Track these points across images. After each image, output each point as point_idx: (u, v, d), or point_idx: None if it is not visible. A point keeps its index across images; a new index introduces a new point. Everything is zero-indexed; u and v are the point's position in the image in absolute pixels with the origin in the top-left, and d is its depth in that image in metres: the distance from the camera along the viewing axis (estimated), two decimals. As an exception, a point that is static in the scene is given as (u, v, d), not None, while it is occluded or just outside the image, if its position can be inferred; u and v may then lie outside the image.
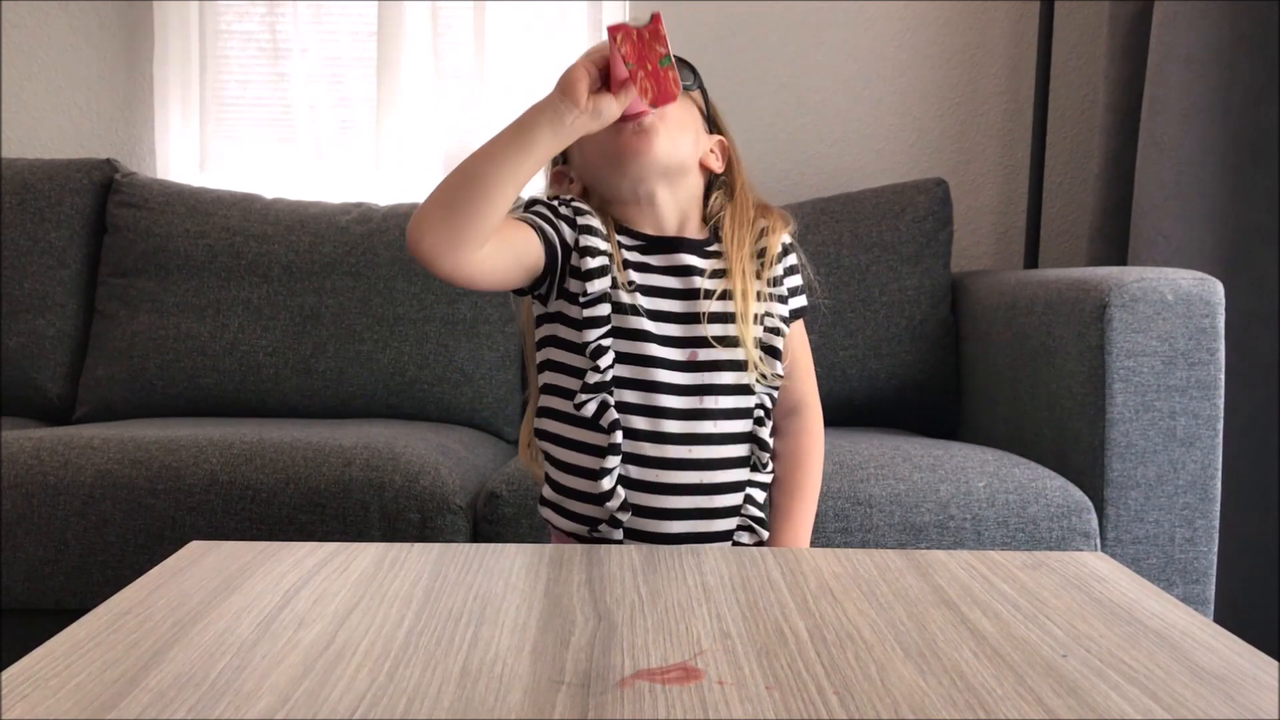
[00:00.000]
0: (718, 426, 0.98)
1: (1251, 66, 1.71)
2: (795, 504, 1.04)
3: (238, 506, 1.34)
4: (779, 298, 1.04)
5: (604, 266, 0.97)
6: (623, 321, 0.97)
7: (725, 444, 0.99)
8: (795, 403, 1.07)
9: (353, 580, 0.75)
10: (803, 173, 2.16)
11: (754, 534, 1.01)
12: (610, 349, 0.96)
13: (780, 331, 1.02)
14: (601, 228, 0.99)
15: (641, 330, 0.97)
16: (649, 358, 0.97)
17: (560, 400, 0.99)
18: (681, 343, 0.98)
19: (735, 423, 0.99)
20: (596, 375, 0.96)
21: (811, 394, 1.09)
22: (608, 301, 0.96)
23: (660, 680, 0.58)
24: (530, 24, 2.07)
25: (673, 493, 0.97)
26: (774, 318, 1.02)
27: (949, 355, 1.84)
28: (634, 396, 0.97)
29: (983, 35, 2.14)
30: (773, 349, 1.01)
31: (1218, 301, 1.38)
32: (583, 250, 0.97)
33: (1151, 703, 0.57)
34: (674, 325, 0.98)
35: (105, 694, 0.56)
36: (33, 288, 1.91)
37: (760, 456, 1.01)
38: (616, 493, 0.96)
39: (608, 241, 0.98)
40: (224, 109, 2.19)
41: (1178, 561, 1.37)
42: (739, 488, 1.00)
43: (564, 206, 0.99)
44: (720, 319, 0.98)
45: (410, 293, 1.84)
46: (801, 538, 1.04)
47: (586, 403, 0.96)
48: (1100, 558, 0.85)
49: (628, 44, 0.89)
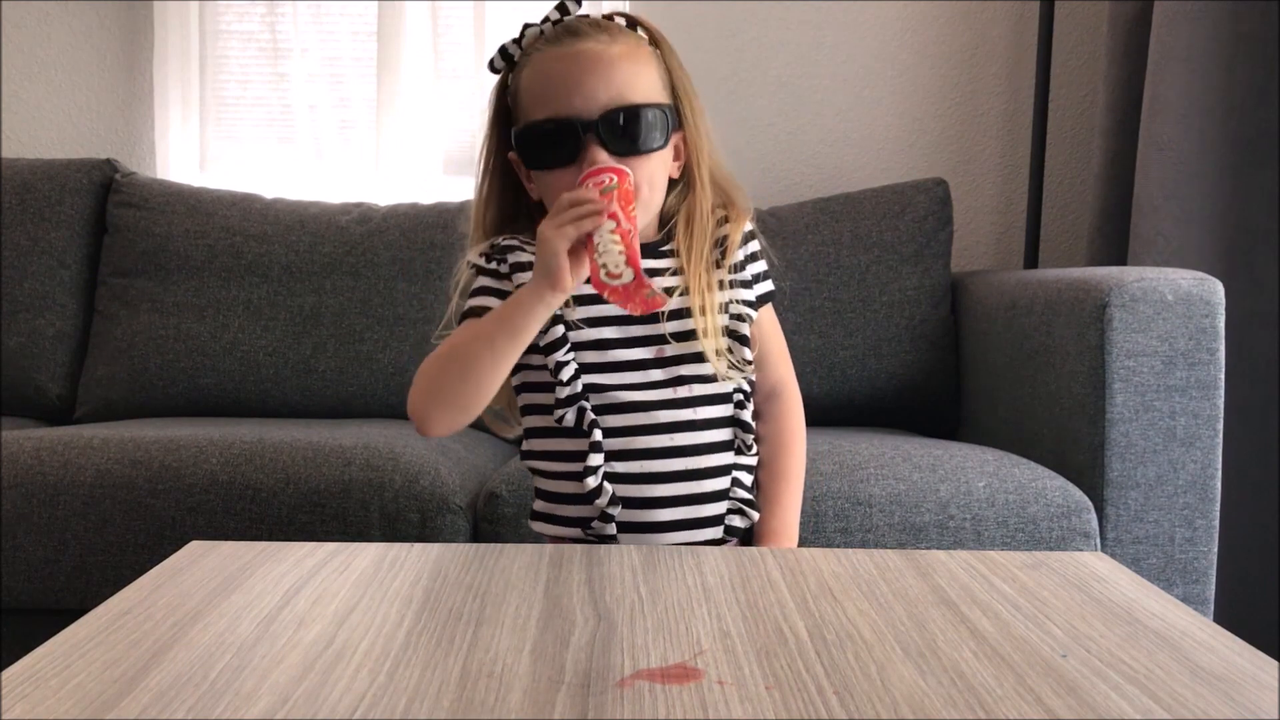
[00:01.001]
0: (697, 413, 0.99)
1: (1251, 66, 1.71)
2: (781, 487, 1.05)
3: (238, 506, 1.34)
4: (742, 283, 1.04)
5: None
6: (580, 336, 0.98)
7: (707, 429, 0.99)
8: (772, 387, 1.08)
9: (353, 580, 0.75)
10: (803, 173, 2.16)
11: (745, 516, 1.01)
12: (570, 362, 0.97)
13: (747, 318, 1.02)
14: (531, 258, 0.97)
15: (602, 339, 0.98)
16: (617, 363, 0.98)
17: (539, 418, 1.01)
18: (646, 341, 0.99)
19: (714, 408, 1.00)
20: (565, 389, 0.97)
21: (788, 376, 1.09)
22: (560, 323, 0.97)
23: (660, 680, 0.58)
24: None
25: (660, 481, 0.98)
26: (738, 304, 1.02)
27: (949, 355, 1.84)
28: (613, 396, 0.98)
29: (983, 35, 2.14)
30: (739, 335, 1.01)
31: (1218, 301, 1.38)
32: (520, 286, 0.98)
33: (1151, 703, 0.57)
34: (636, 325, 0.99)
35: (105, 694, 0.56)
36: (33, 288, 1.91)
37: (744, 439, 1.02)
38: (604, 488, 0.97)
39: None
40: (224, 109, 2.19)
41: (1178, 561, 1.37)
42: (725, 471, 1.01)
43: (497, 263, 1.00)
44: (679, 315, 0.99)
45: (410, 293, 1.84)
46: (790, 521, 1.05)
47: (564, 415, 0.98)
48: (1100, 558, 0.85)
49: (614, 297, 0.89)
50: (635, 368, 0.98)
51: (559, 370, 0.97)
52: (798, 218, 1.88)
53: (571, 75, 0.95)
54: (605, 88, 0.95)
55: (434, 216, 1.90)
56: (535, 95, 0.98)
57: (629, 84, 0.96)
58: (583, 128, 0.94)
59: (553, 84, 0.96)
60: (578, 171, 0.94)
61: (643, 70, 0.98)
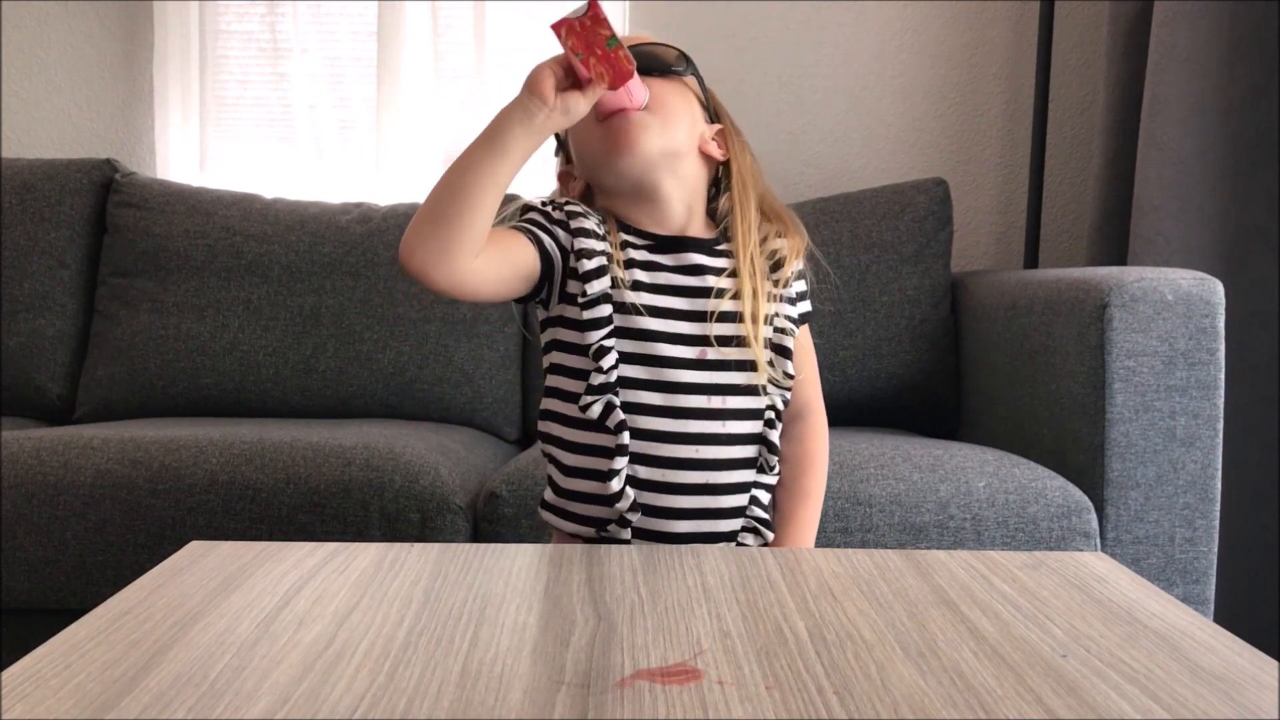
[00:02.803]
0: (727, 427, 0.98)
1: (1251, 66, 1.70)
2: (799, 507, 1.04)
3: (238, 506, 1.34)
4: (788, 299, 1.04)
5: (602, 267, 0.96)
6: (627, 321, 0.96)
7: (734, 445, 0.98)
8: (800, 407, 1.06)
9: (353, 580, 0.75)
10: (803, 173, 2.16)
11: (759, 536, 1.00)
12: (613, 349, 0.95)
13: (790, 332, 1.02)
14: (598, 228, 0.98)
15: (648, 330, 0.96)
16: (660, 357, 0.96)
17: (564, 404, 0.99)
18: (691, 340, 0.97)
19: (745, 424, 0.99)
20: (600, 376, 0.95)
21: (816, 399, 1.09)
22: (608, 302, 0.96)
23: (660, 680, 0.58)
24: (530, 24, 2.08)
25: (680, 492, 0.97)
26: (782, 318, 1.02)
27: (949, 355, 1.84)
28: (646, 396, 0.96)
29: (983, 35, 2.14)
30: (783, 349, 1.01)
31: (1218, 301, 1.38)
32: (579, 253, 0.96)
33: (1151, 703, 0.57)
34: (683, 323, 0.97)
35: (105, 694, 0.56)
36: (33, 288, 1.91)
37: (768, 459, 1.00)
38: (626, 493, 0.95)
39: (605, 241, 0.98)
40: (224, 109, 2.19)
41: (1178, 561, 1.37)
42: (745, 489, 0.99)
43: (557, 210, 0.98)
44: (728, 318, 0.98)
45: (410, 293, 1.84)
46: (805, 541, 1.04)
47: (592, 404, 0.95)
48: (1100, 558, 0.85)
49: (573, 36, 0.89)
50: (675, 365, 0.96)
51: (599, 355, 0.95)
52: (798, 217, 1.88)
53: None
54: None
55: (434, 216, 1.90)
56: None
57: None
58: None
59: None
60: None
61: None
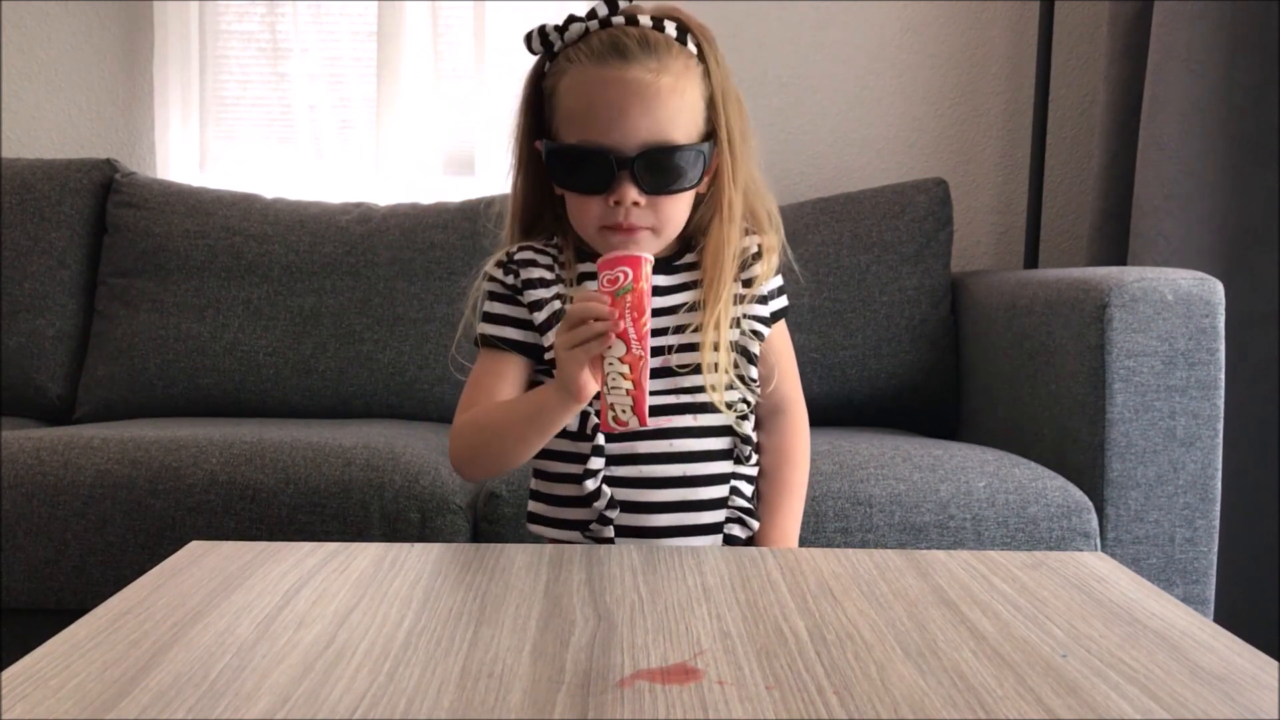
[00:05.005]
0: (696, 420, 1.00)
1: (1251, 66, 1.71)
2: (782, 499, 1.05)
3: (238, 506, 1.34)
4: (758, 299, 1.03)
5: (555, 314, 0.98)
6: None
7: (705, 437, 1.00)
8: (779, 402, 1.07)
9: (353, 580, 0.75)
10: (803, 173, 2.16)
11: (744, 525, 1.02)
12: None
13: (759, 334, 1.02)
14: (549, 269, 1.00)
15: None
16: None
17: None
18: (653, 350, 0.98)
19: (713, 416, 1.00)
20: None
21: (794, 394, 1.09)
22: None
23: (660, 680, 0.58)
24: (530, 24, 2.07)
25: (657, 486, 0.99)
26: (750, 319, 1.02)
27: (949, 355, 1.84)
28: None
29: (983, 35, 2.14)
30: (748, 353, 1.01)
31: (1218, 301, 1.38)
32: (532, 305, 1.00)
33: (1151, 703, 0.57)
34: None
35: (105, 694, 0.56)
36: (33, 288, 1.91)
37: (742, 449, 1.02)
38: (602, 491, 0.98)
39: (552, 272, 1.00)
40: (224, 109, 2.19)
41: (1178, 561, 1.37)
42: (723, 479, 1.01)
43: (510, 275, 1.00)
44: (688, 348, 0.98)
45: (410, 293, 1.84)
46: (789, 532, 1.05)
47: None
48: (1100, 558, 0.85)
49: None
50: None
51: None
52: (798, 218, 1.88)
53: (614, 105, 0.93)
54: (648, 125, 0.93)
55: (434, 216, 1.90)
56: (572, 114, 0.96)
57: (671, 120, 0.94)
58: (618, 163, 0.93)
59: (594, 109, 0.94)
60: (605, 202, 0.94)
61: (686, 103, 0.96)
